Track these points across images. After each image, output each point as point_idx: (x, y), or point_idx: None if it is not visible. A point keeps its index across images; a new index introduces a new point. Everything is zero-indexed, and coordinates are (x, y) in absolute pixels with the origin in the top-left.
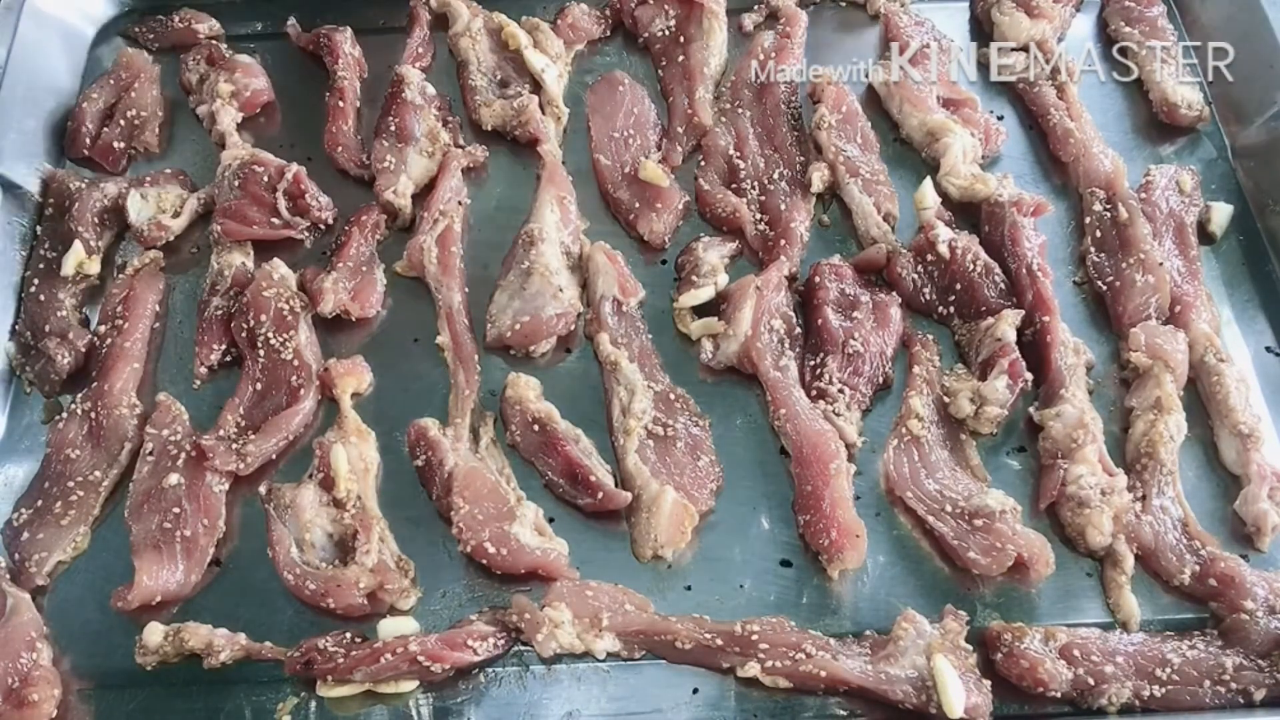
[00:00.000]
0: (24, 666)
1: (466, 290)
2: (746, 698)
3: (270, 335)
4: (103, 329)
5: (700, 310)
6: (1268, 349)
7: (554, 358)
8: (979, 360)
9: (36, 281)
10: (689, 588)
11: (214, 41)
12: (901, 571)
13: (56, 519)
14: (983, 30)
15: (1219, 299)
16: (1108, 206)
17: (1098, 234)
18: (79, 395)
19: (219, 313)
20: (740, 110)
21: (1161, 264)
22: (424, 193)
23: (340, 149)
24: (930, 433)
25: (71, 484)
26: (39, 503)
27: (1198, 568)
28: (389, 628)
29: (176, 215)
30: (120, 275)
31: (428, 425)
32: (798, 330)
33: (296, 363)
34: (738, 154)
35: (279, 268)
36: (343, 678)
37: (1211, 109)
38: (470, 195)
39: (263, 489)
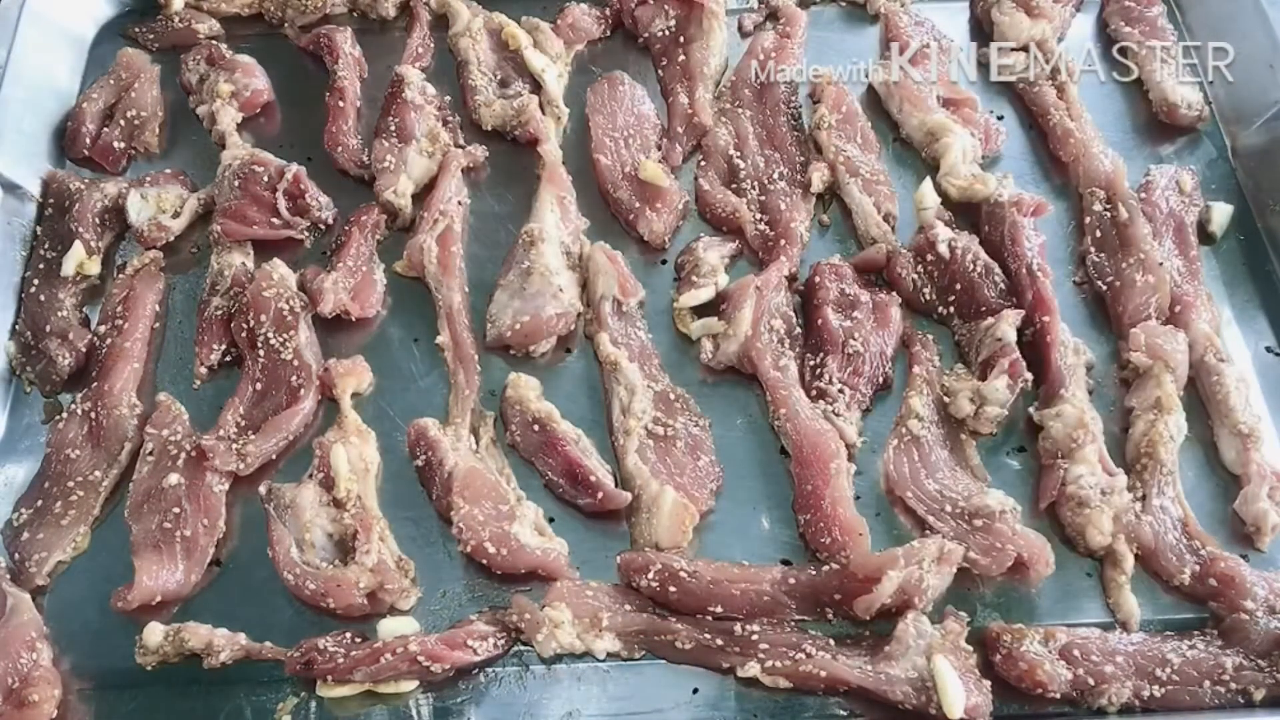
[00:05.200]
0: (24, 666)
1: (466, 290)
2: (746, 698)
3: (270, 335)
4: (103, 329)
5: (700, 310)
6: (1268, 349)
7: (554, 358)
8: (979, 360)
9: (37, 282)
10: None
11: (214, 41)
12: None
13: (56, 519)
14: (983, 30)
15: (1219, 299)
16: (1108, 206)
17: (1098, 234)
18: (79, 395)
19: (219, 313)
20: (740, 110)
21: (1161, 264)
22: (424, 193)
23: (340, 149)
24: (930, 433)
25: (71, 484)
26: (39, 503)
27: (1198, 568)
28: (389, 628)
29: (176, 215)
30: (120, 275)
31: (428, 425)
32: (798, 330)
33: (296, 363)
34: (738, 154)
35: (279, 268)
36: (343, 678)
37: (1211, 109)
38: (470, 195)
39: (263, 489)
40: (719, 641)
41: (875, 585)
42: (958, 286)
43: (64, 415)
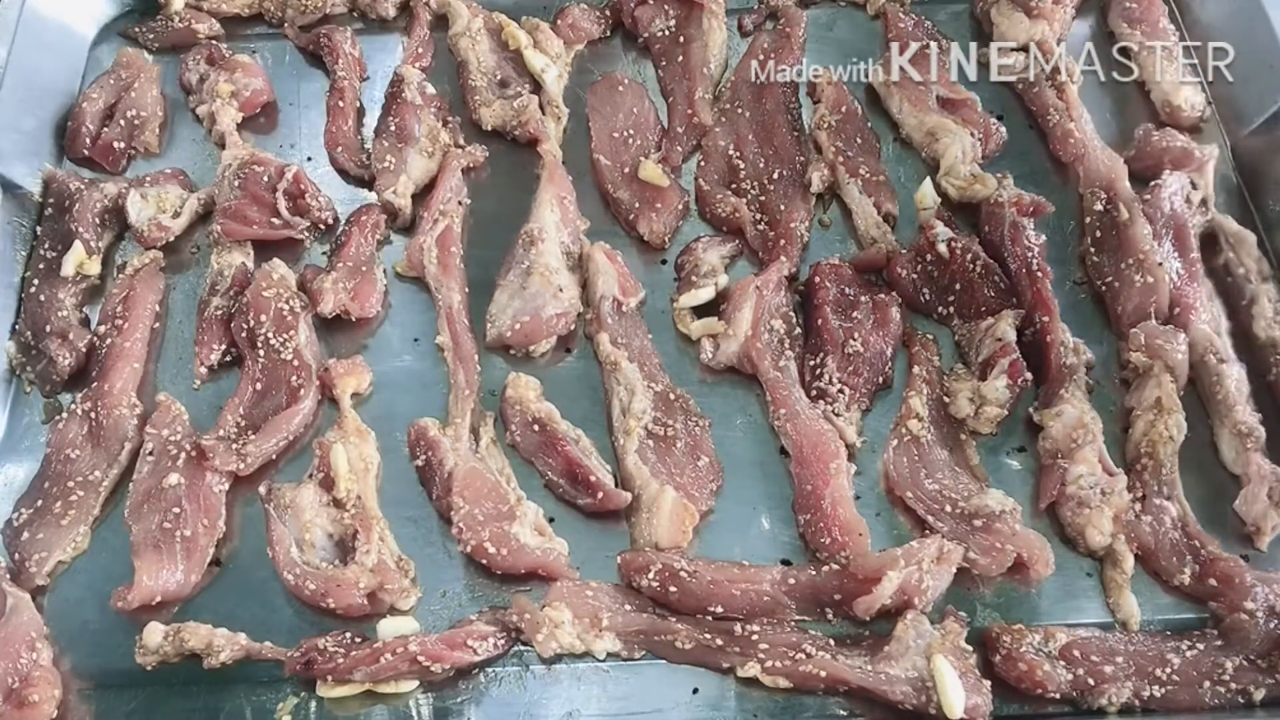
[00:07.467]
0: (24, 666)
1: (466, 290)
2: (746, 698)
3: (270, 335)
4: (103, 329)
5: (700, 310)
6: None
7: (554, 358)
8: (979, 360)
9: (37, 281)
10: None
11: (214, 41)
12: None
13: (56, 519)
14: (983, 30)
15: None
16: (1108, 206)
17: (1097, 234)
18: (79, 395)
19: (219, 313)
20: (740, 110)
21: (1160, 264)
22: (424, 193)
23: (340, 149)
24: (930, 433)
25: (71, 484)
26: (39, 503)
27: (1198, 568)
28: (389, 628)
29: (176, 215)
30: (120, 275)
31: (428, 425)
32: (798, 330)
33: (296, 363)
34: (738, 154)
35: (279, 268)
36: (343, 678)
37: (1212, 109)
38: (470, 195)
39: (263, 489)
40: (719, 641)
41: (875, 585)
42: (958, 286)
43: (64, 415)
